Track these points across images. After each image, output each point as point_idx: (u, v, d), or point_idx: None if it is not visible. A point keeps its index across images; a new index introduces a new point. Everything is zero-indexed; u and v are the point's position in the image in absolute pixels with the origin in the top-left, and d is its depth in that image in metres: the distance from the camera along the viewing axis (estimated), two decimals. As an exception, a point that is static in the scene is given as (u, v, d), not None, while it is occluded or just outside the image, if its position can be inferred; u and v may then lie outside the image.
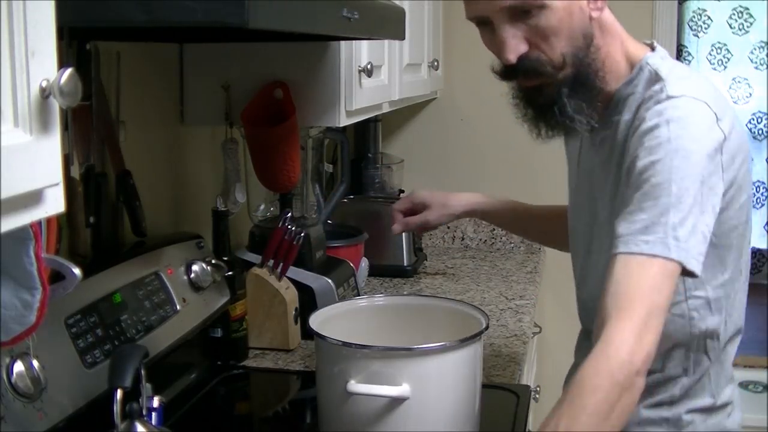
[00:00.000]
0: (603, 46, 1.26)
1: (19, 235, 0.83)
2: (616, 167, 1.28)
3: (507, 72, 1.26)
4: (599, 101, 1.29)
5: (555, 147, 1.73)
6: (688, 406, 1.35)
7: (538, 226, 1.79)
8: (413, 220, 1.83)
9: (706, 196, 1.15)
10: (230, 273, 1.76)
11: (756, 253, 3.30)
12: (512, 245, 3.01)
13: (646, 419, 1.37)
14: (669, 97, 1.20)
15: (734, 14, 3.18)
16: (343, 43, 1.69)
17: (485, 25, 1.25)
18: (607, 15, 1.27)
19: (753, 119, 3.23)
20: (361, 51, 1.79)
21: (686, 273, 1.13)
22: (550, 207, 1.75)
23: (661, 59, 1.29)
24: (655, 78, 1.26)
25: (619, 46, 1.29)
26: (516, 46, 1.21)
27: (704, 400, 1.36)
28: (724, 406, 1.38)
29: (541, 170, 2.91)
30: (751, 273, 1.39)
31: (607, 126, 1.31)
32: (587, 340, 1.51)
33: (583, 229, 1.42)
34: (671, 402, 1.35)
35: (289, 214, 1.87)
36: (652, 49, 1.32)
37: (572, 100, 1.24)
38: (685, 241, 1.11)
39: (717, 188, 1.18)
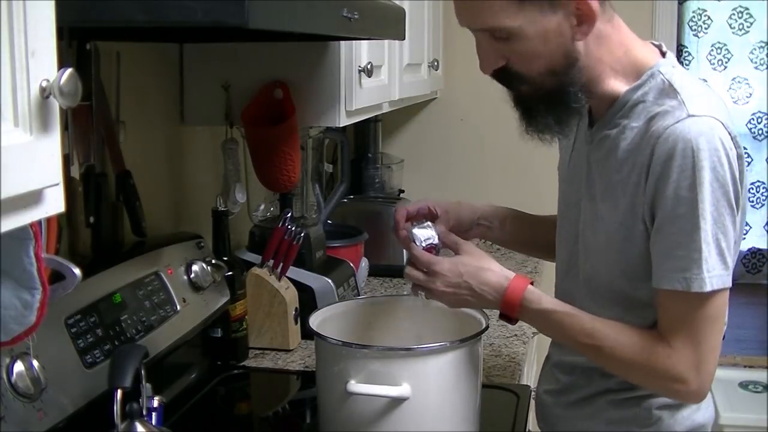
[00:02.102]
0: (597, 59, 1.28)
1: (18, 235, 0.83)
2: (623, 170, 1.29)
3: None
4: (605, 102, 1.32)
5: (554, 147, 1.73)
6: (658, 399, 1.36)
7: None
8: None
9: (731, 217, 1.23)
10: (230, 273, 1.76)
11: (756, 253, 3.29)
12: (512, 245, 3.00)
13: (617, 418, 1.38)
14: (690, 116, 1.22)
15: (734, 14, 3.18)
16: (343, 43, 1.69)
17: None
18: (604, 26, 1.27)
19: (753, 119, 3.23)
20: (361, 51, 1.78)
21: None
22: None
23: (672, 67, 1.31)
24: (669, 90, 1.26)
25: (623, 54, 1.30)
26: (490, 62, 1.28)
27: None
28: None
29: (541, 170, 2.90)
30: (751, 273, 1.40)
31: (609, 126, 1.32)
32: None
33: (571, 222, 1.43)
34: (641, 396, 1.37)
35: (289, 214, 1.87)
36: (662, 53, 1.34)
37: (544, 116, 1.31)
38: (716, 269, 1.22)
39: (737, 207, 1.25)
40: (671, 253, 1.23)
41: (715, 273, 1.22)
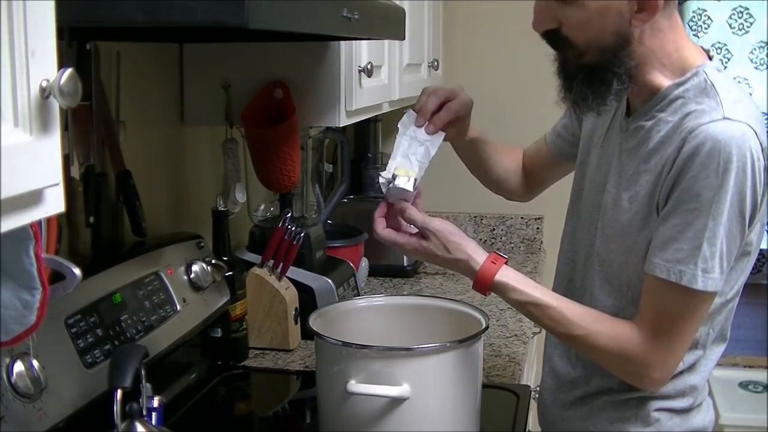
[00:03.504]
0: (649, 50, 1.29)
1: (18, 235, 0.83)
2: (650, 161, 1.30)
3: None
4: (644, 93, 1.33)
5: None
6: (657, 402, 1.37)
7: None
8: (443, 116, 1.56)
9: (739, 226, 1.24)
10: (230, 273, 1.76)
11: (756, 253, 3.31)
12: (512, 245, 3.01)
13: (616, 418, 1.39)
14: (725, 118, 1.23)
15: (734, 14, 3.18)
16: (343, 43, 1.69)
17: None
18: (663, 21, 1.28)
19: (753, 119, 3.25)
20: (361, 51, 1.78)
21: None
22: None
23: (717, 71, 1.31)
24: (709, 89, 1.27)
25: (674, 50, 1.31)
26: (542, 21, 1.30)
27: (682, 402, 1.39)
28: (698, 406, 1.42)
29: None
30: (751, 273, 1.40)
31: (646, 117, 1.33)
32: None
33: (594, 209, 1.44)
34: (640, 397, 1.37)
35: (289, 214, 1.87)
36: (710, 57, 1.35)
37: (582, 86, 1.31)
38: (713, 271, 1.23)
39: (751, 218, 1.25)
40: (672, 243, 1.23)
41: (710, 275, 1.23)
